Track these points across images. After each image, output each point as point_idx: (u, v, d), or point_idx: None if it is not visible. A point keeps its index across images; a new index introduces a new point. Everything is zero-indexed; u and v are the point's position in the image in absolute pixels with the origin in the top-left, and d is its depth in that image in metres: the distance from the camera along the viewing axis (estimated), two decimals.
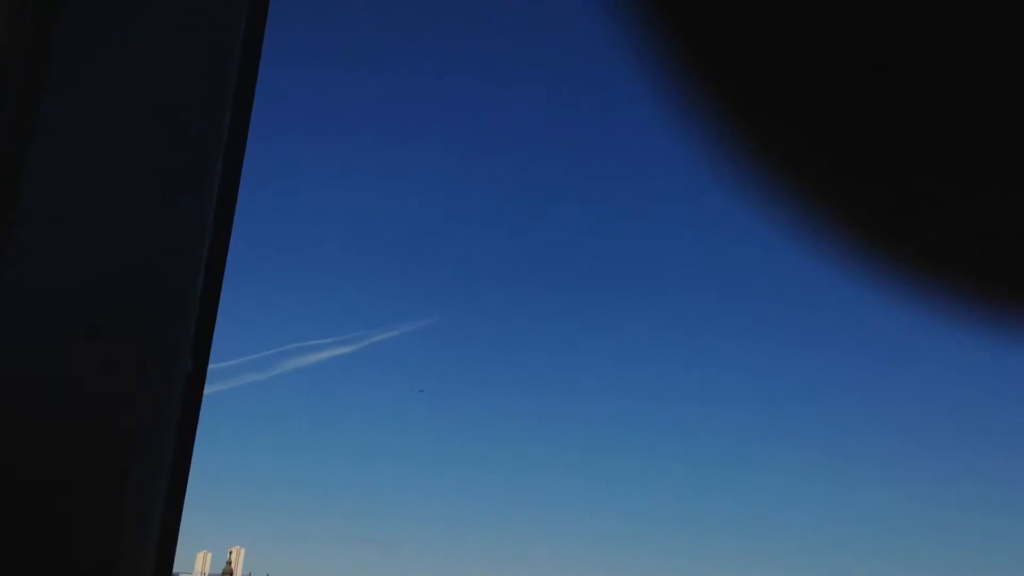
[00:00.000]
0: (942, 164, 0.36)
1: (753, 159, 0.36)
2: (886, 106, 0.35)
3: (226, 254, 1.04)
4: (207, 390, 1.03)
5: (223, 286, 1.04)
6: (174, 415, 0.94)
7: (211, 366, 1.05)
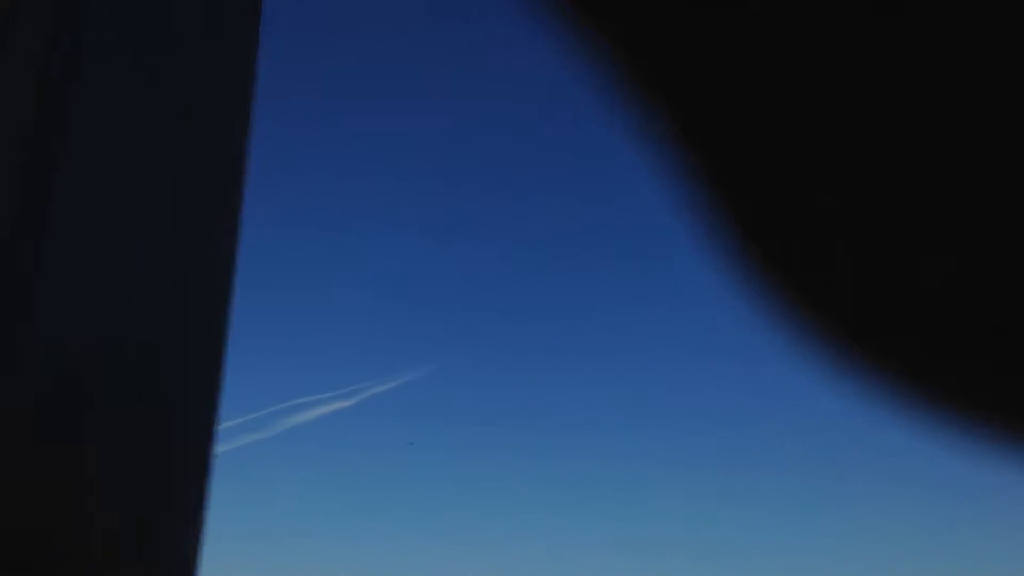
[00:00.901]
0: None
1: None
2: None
3: (232, 299, 1.01)
4: None
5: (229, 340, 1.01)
6: (201, 479, 0.91)
7: None
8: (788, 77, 0.31)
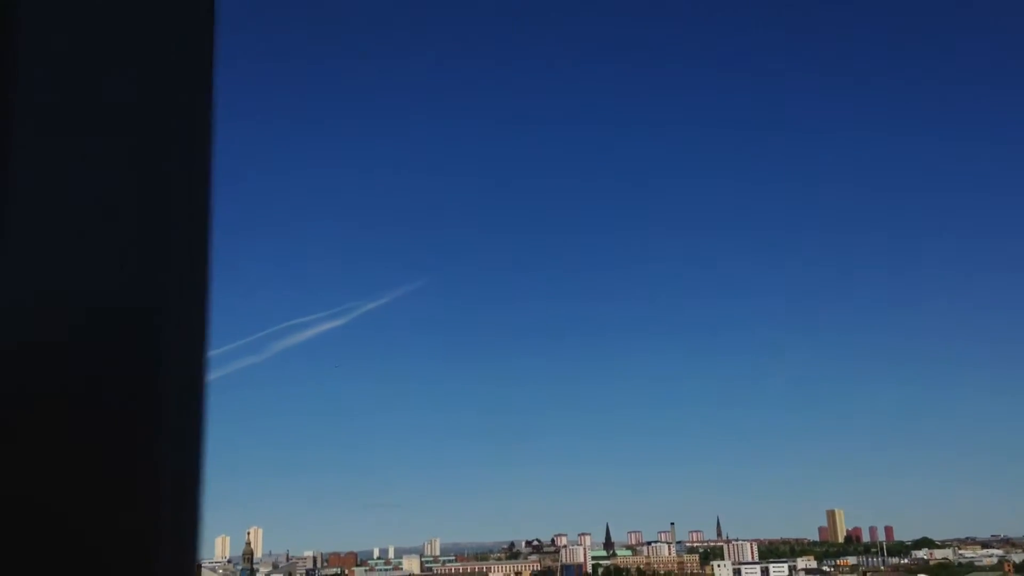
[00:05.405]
0: None
1: None
2: None
3: (209, 234, 1.03)
4: None
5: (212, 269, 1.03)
6: (195, 401, 0.93)
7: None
8: None
